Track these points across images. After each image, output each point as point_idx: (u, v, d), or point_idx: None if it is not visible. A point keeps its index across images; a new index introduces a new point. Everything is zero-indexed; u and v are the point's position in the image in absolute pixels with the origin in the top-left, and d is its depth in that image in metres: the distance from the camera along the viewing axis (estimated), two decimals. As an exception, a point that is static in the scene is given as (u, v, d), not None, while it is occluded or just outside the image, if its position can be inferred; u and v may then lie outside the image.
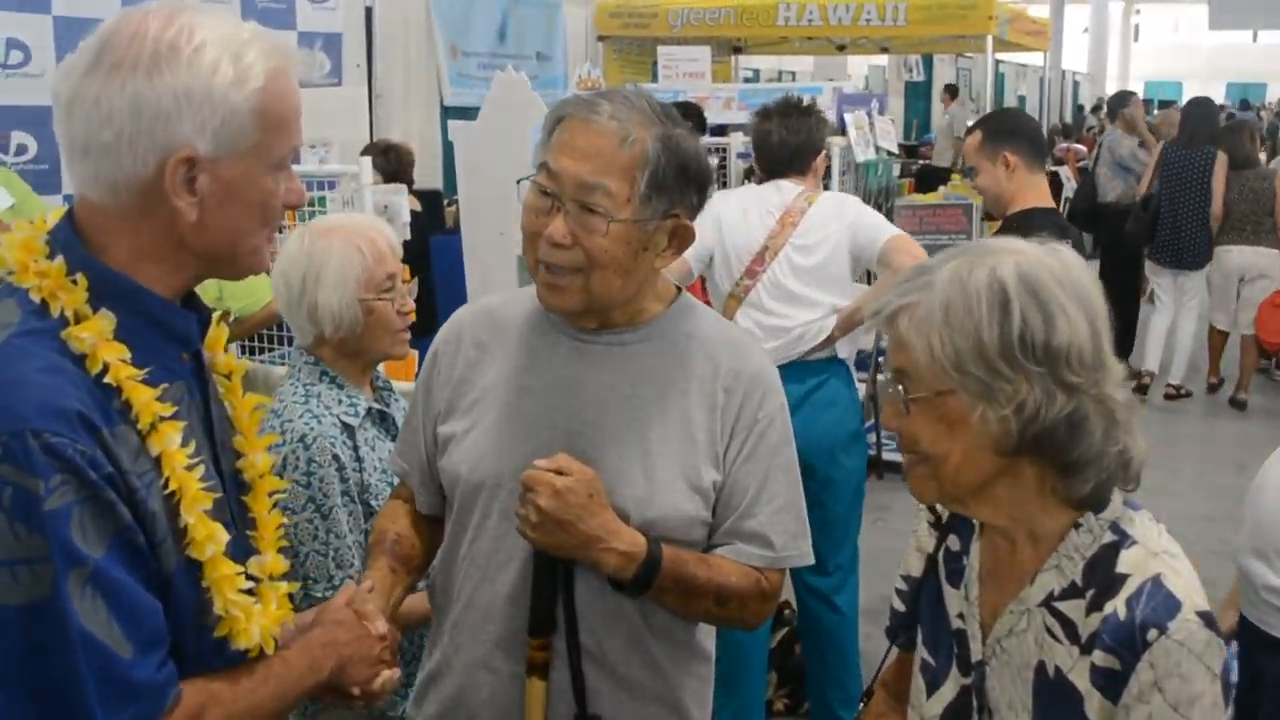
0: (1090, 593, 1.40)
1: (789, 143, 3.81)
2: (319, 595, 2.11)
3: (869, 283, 4.79)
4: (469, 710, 1.80)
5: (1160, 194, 7.96)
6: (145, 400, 1.30)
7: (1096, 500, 1.43)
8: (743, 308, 3.77)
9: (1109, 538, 1.42)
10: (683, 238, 1.74)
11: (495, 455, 1.76)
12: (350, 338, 2.25)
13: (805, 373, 3.68)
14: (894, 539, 5.45)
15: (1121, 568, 1.40)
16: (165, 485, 1.31)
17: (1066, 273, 1.39)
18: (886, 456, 6.24)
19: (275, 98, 1.34)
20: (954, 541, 1.61)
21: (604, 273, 1.67)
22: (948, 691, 1.56)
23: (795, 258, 3.73)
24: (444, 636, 1.85)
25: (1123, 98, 10.09)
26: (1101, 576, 1.40)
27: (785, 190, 3.80)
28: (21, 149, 5.15)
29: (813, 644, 3.96)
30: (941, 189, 8.73)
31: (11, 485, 1.18)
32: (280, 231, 1.49)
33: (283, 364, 3.93)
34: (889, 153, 6.56)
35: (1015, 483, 1.43)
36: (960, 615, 1.56)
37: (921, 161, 11.34)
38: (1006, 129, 3.74)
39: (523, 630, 1.73)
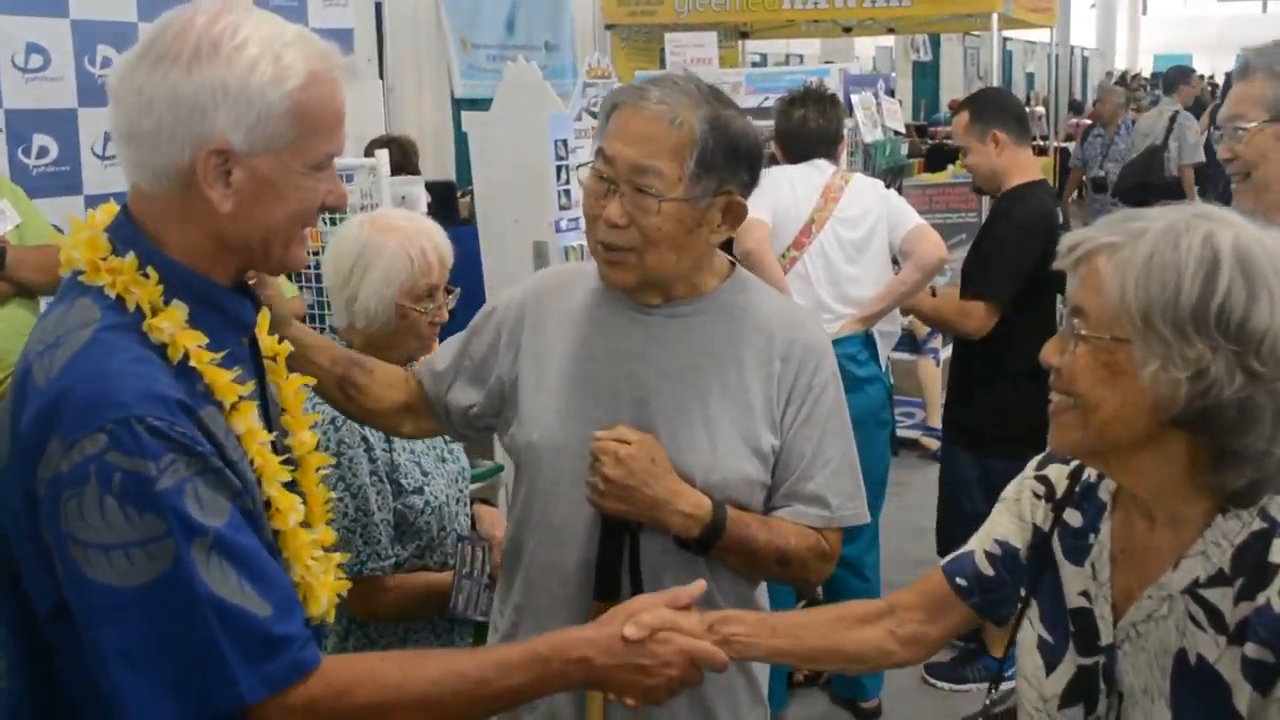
0: (1239, 581, 1.36)
1: (826, 130, 4.02)
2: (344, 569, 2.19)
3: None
4: None
5: None
6: (225, 382, 1.35)
7: (1246, 498, 1.38)
8: (787, 278, 3.90)
9: (1258, 525, 1.37)
10: (736, 213, 1.82)
11: (563, 422, 1.85)
12: (379, 335, 2.32)
13: (840, 344, 3.81)
14: (907, 514, 5.52)
15: (1274, 557, 1.35)
16: (251, 462, 1.37)
17: None
18: (901, 433, 6.31)
19: (313, 99, 1.36)
20: (1074, 517, 1.56)
21: (658, 249, 1.75)
22: (1066, 670, 1.52)
23: (840, 230, 3.91)
24: (515, 596, 1.93)
25: (1184, 74, 10.06)
26: (1252, 565, 1.36)
27: (823, 169, 4.00)
28: (43, 151, 5.23)
29: (835, 613, 4.05)
30: (950, 168, 8.77)
31: (121, 471, 1.21)
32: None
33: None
34: (896, 132, 6.61)
35: (1163, 456, 1.38)
36: (1085, 594, 1.52)
37: (931, 141, 11.35)
38: (994, 108, 3.89)
39: (591, 594, 1.81)
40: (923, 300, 4.03)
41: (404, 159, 5.89)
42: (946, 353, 7.02)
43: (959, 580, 1.68)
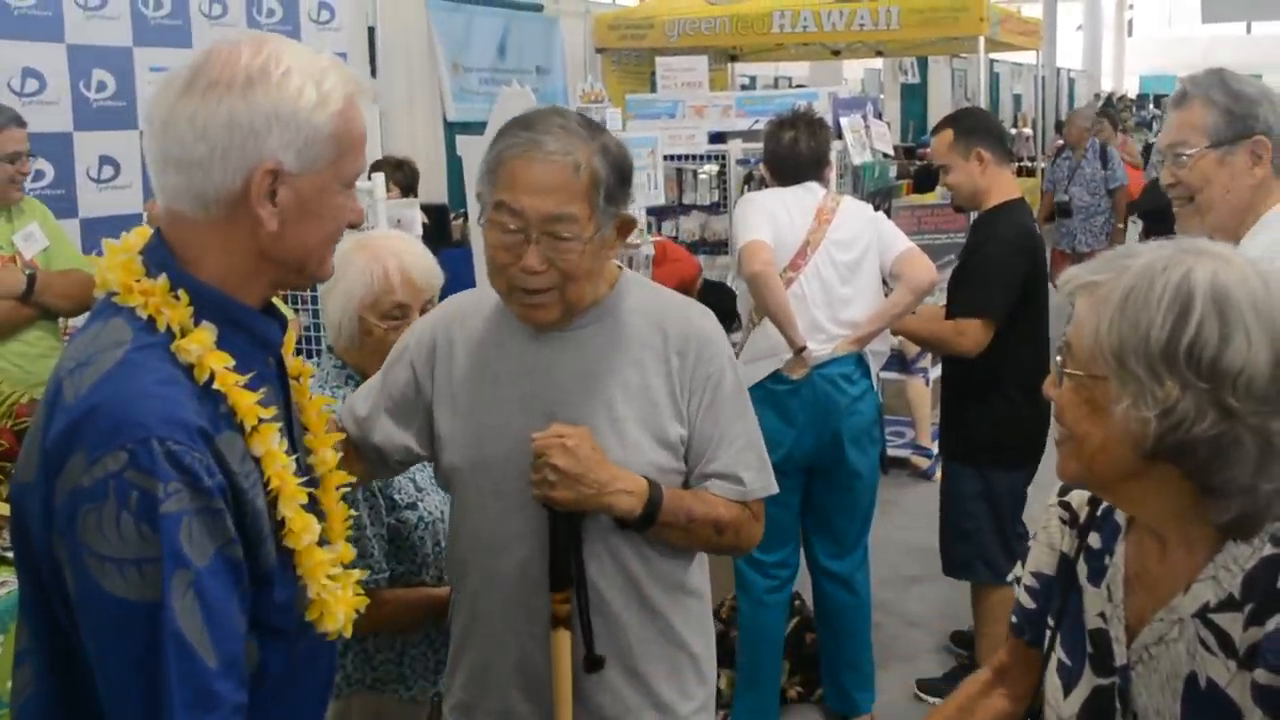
0: (1249, 607, 1.36)
1: (816, 151, 4.07)
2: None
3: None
4: (497, 673, 1.97)
5: None
6: (248, 405, 1.40)
7: (1240, 531, 1.37)
8: None
9: (1269, 550, 1.37)
10: (627, 226, 1.92)
11: (479, 441, 1.94)
12: (352, 350, 2.38)
13: (835, 364, 3.88)
14: (896, 532, 5.56)
15: None
16: (267, 484, 1.41)
17: (1269, 298, 1.31)
18: (891, 452, 6.36)
19: (350, 121, 1.45)
20: (1095, 540, 1.57)
21: (578, 283, 1.85)
22: (1082, 690, 1.53)
23: (834, 252, 3.95)
24: (464, 608, 2.01)
25: None
26: (1262, 591, 1.35)
27: (815, 191, 4.05)
28: (39, 174, 5.27)
29: (828, 627, 4.10)
30: (939, 189, 8.85)
31: (138, 490, 1.27)
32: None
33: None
34: (884, 154, 6.69)
35: (1157, 487, 1.38)
36: (1101, 615, 1.53)
37: (919, 162, 11.44)
38: (977, 127, 3.94)
39: (535, 594, 1.89)
40: (912, 323, 4.07)
41: (412, 182, 5.96)
42: (936, 372, 7.08)
43: (1013, 620, 1.70)
